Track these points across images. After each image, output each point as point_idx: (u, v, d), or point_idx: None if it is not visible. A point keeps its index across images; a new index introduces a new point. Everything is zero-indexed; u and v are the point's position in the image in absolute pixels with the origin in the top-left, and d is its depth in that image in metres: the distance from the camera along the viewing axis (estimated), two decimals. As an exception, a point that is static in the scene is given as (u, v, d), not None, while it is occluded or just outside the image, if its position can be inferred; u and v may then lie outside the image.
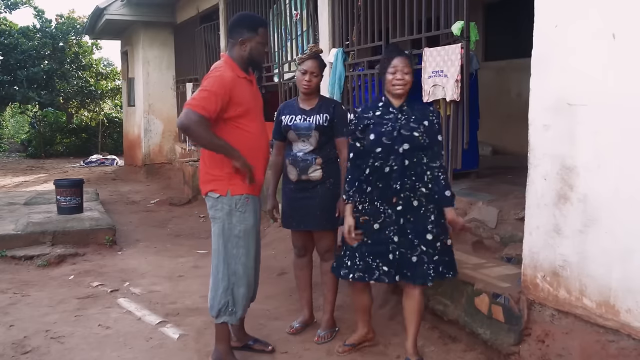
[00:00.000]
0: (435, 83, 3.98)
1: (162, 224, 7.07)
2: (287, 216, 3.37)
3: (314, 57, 3.25)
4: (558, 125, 2.50)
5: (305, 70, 3.22)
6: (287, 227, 3.42)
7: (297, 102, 3.34)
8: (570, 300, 2.50)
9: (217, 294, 2.90)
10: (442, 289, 3.19)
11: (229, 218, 2.85)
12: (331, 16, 5.45)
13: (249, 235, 2.89)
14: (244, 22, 2.94)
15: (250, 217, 2.89)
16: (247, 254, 2.90)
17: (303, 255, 3.47)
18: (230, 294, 2.88)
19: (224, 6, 8.40)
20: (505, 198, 3.84)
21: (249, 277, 2.92)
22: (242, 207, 2.85)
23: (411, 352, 2.91)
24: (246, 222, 2.87)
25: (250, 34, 2.87)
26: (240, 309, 2.92)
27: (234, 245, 2.86)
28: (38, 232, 5.36)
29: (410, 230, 2.80)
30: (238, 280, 2.88)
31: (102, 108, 18.37)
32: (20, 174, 12.44)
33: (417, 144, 2.79)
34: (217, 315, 2.92)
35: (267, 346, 3.18)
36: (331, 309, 3.41)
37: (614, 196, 2.30)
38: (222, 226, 2.86)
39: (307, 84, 3.23)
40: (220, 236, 2.87)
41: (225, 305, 2.89)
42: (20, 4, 17.26)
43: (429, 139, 2.81)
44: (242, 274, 2.88)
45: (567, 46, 2.46)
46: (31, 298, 4.14)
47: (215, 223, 2.89)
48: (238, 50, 2.90)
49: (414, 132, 2.79)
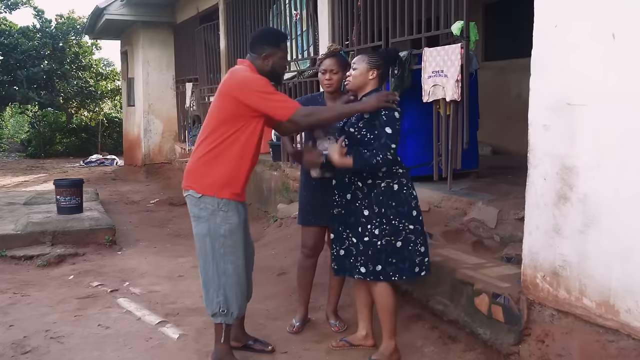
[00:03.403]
0: (435, 83, 3.98)
1: (162, 223, 7.07)
2: (307, 212, 3.37)
3: (332, 55, 3.26)
4: (558, 125, 2.50)
5: (325, 70, 3.24)
6: (305, 223, 3.40)
7: (323, 99, 3.34)
8: (570, 300, 2.50)
9: (208, 295, 2.89)
10: (442, 288, 3.19)
11: (213, 217, 2.83)
12: (331, 16, 5.46)
13: (234, 233, 2.87)
14: (267, 37, 2.98)
15: (234, 216, 2.86)
16: (236, 252, 2.88)
17: (312, 256, 3.44)
18: (222, 294, 2.86)
19: (223, 6, 8.40)
20: (505, 198, 3.84)
21: (239, 276, 2.90)
22: (224, 207, 2.83)
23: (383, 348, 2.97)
24: (230, 221, 2.84)
25: (273, 49, 2.91)
26: (235, 308, 2.89)
27: (221, 244, 2.84)
28: (38, 232, 5.35)
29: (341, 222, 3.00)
30: (228, 280, 2.86)
31: (102, 108, 18.37)
32: (20, 174, 12.44)
33: (354, 139, 2.90)
34: (212, 316, 2.91)
35: (267, 346, 3.18)
36: (336, 299, 3.48)
37: (614, 196, 2.30)
38: (207, 226, 2.84)
39: (329, 82, 3.24)
40: (207, 236, 2.85)
41: (218, 305, 2.87)
42: (20, 4, 17.26)
43: (370, 133, 2.84)
44: (232, 272, 2.86)
45: (566, 46, 2.46)
46: (31, 298, 4.14)
47: (200, 222, 2.87)
48: (260, 64, 2.91)
49: (351, 127, 2.93)
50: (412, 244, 2.89)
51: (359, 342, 3.16)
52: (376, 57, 2.98)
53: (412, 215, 2.90)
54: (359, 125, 2.88)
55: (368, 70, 2.93)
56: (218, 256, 2.85)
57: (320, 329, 3.47)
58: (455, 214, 3.95)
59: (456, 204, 4.00)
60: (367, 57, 2.97)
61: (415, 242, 2.90)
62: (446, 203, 4.07)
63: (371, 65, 2.93)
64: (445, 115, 4.01)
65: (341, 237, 3.00)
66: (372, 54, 3.02)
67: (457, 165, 4.03)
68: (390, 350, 2.96)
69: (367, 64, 2.93)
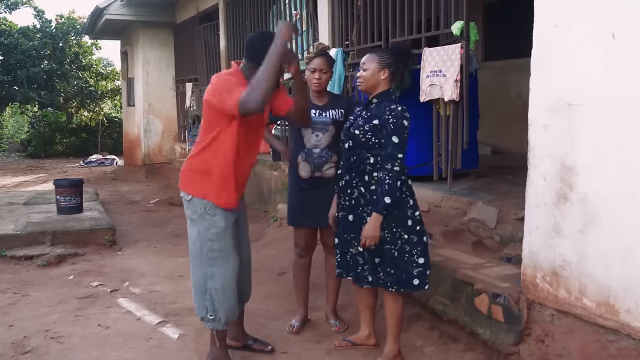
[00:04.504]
0: (432, 83, 3.98)
1: (161, 223, 7.07)
2: (297, 214, 3.37)
3: (322, 55, 3.26)
4: (558, 125, 2.50)
5: (314, 69, 3.24)
6: (296, 224, 3.40)
7: (310, 98, 3.35)
8: (570, 300, 2.50)
9: (197, 299, 2.87)
10: (442, 288, 3.19)
11: (202, 221, 2.81)
12: (331, 16, 5.46)
13: (222, 238, 2.80)
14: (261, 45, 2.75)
15: (220, 220, 2.80)
16: (223, 257, 2.81)
17: (305, 255, 3.46)
18: (208, 299, 2.82)
19: (223, 6, 8.40)
20: (505, 198, 3.84)
21: (227, 282, 2.82)
22: (211, 211, 2.79)
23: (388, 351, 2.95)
24: (217, 225, 2.80)
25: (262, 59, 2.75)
26: (222, 314, 2.82)
27: (209, 248, 2.80)
28: (38, 232, 5.35)
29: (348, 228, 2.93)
30: (215, 284, 2.81)
31: (102, 108, 18.38)
32: (20, 174, 12.44)
33: (358, 142, 2.82)
34: (202, 320, 2.90)
35: (267, 346, 3.18)
36: (335, 299, 3.47)
37: (614, 196, 2.30)
38: (197, 229, 2.82)
39: (318, 82, 3.25)
40: (197, 239, 2.82)
41: (206, 310, 2.83)
42: (20, 4, 17.27)
43: (375, 138, 2.77)
44: (219, 278, 2.80)
45: (566, 46, 2.46)
46: (31, 298, 4.14)
47: (191, 225, 2.85)
48: (252, 71, 2.74)
49: (357, 130, 2.83)
50: (408, 255, 2.80)
51: (362, 342, 3.16)
52: (387, 55, 2.83)
53: (408, 225, 2.80)
54: (365, 129, 2.79)
55: (379, 70, 2.81)
56: (205, 260, 2.82)
57: (320, 329, 3.47)
58: (455, 214, 3.95)
59: (456, 204, 4.00)
60: (377, 57, 2.83)
61: (411, 252, 2.80)
62: (446, 203, 4.07)
63: (382, 65, 2.81)
64: (445, 115, 4.01)
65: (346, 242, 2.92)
66: (382, 52, 2.88)
67: (457, 165, 4.03)
68: (394, 352, 2.94)
69: (377, 64, 2.81)
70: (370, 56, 2.86)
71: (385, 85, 2.85)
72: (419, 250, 2.81)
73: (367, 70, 2.83)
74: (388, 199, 2.70)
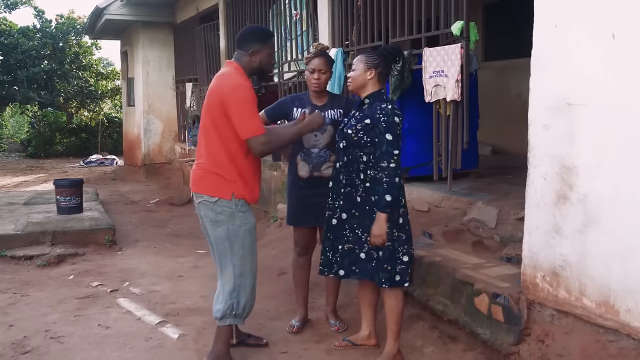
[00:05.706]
0: (437, 83, 3.98)
1: (162, 224, 7.07)
2: (297, 214, 3.38)
3: (321, 55, 3.27)
4: (558, 125, 2.50)
5: (314, 69, 3.25)
6: (295, 224, 3.41)
7: (309, 97, 3.36)
8: (570, 300, 2.50)
9: (222, 297, 2.91)
10: (442, 288, 3.19)
11: (232, 220, 2.85)
12: (331, 16, 5.45)
13: (252, 234, 2.92)
14: (254, 34, 2.99)
15: (250, 216, 2.92)
16: (252, 253, 2.93)
17: (304, 254, 3.47)
18: (235, 296, 2.89)
19: (223, 6, 8.40)
20: (505, 198, 3.84)
21: (254, 277, 2.95)
22: (243, 207, 2.88)
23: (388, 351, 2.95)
24: (248, 222, 2.90)
25: (260, 46, 2.92)
26: (247, 309, 2.95)
27: (240, 246, 2.87)
28: (38, 232, 5.35)
29: (356, 225, 2.91)
30: (245, 281, 2.90)
31: (102, 108, 18.37)
32: (20, 174, 12.44)
33: (351, 141, 2.87)
34: (221, 317, 2.92)
35: (262, 340, 3.24)
36: (335, 299, 3.48)
37: (614, 196, 2.30)
38: (226, 228, 2.86)
39: (317, 82, 3.26)
40: (227, 239, 2.87)
41: (231, 307, 2.89)
42: (20, 4, 17.28)
43: (368, 137, 2.82)
44: (248, 273, 2.91)
45: (566, 46, 2.46)
46: (31, 298, 4.14)
47: (218, 226, 2.87)
48: (247, 61, 2.92)
49: (349, 129, 2.88)
50: (395, 252, 2.84)
51: (362, 342, 3.16)
52: (374, 56, 2.92)
53: (399, 223, 2.85)
54: (357, 128, 2.85)
55: (366, 71, 2.88)
56: (236, 259, 2.88)
57: (320, 329, 3.47)
58: (455, 214, 3.95)
59: (456, 204, 4.00)
60: (365, 57, 2.91)
61: (397, 249, 2.85)
62: (446, 203, 4.07)
63: (368, 65, 2.88)
64: (445, 115, 4.00)
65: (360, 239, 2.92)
66: (371, 53, 2.96)
67: (457, 165, 4.03)
68: (394, 352, 2.95)
69: (364, 64, 2.88)
70: (360, 57, 2.95)
71: (375, 86, 2.91)
72: (405, 248, 2.88)
73: (354, 71, 2.91)
74: (389, 197, 2.74)
